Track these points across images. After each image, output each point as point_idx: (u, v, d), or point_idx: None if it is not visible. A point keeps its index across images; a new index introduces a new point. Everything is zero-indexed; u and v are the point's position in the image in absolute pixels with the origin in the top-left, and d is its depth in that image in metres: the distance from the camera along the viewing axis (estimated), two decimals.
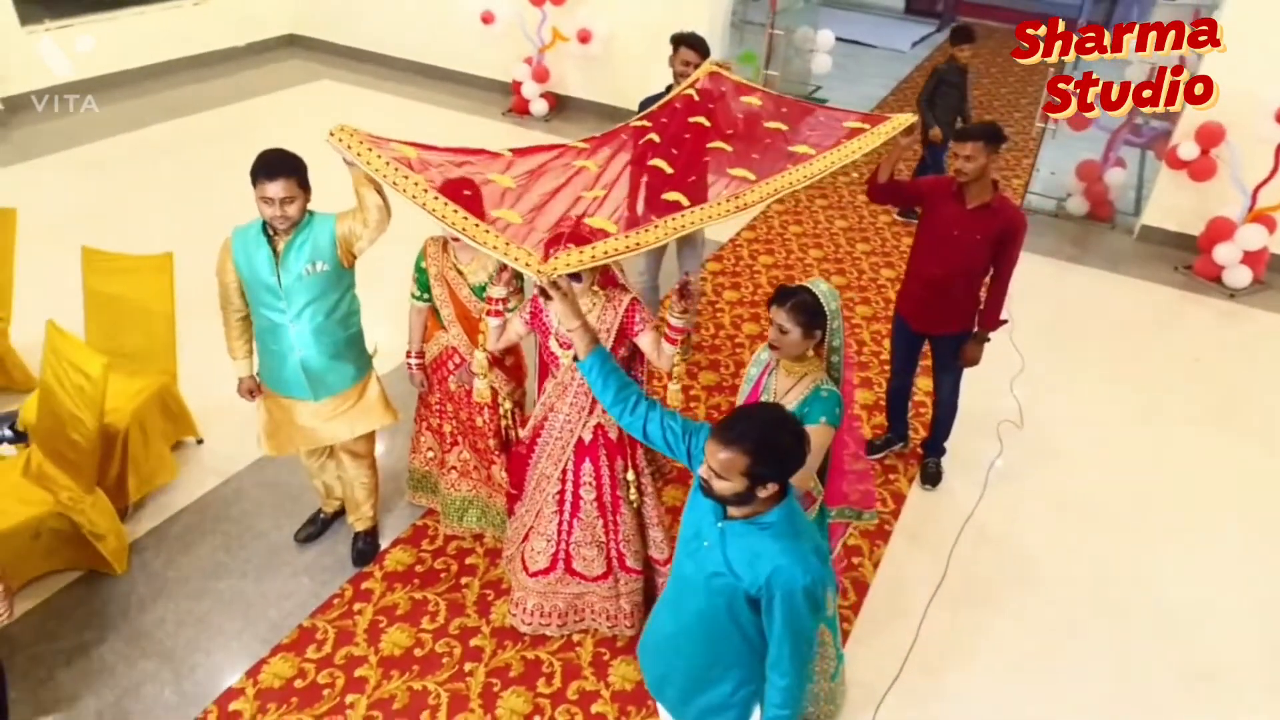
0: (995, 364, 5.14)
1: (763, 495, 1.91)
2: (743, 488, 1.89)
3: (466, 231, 2.26)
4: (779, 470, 1.90)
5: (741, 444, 1.85)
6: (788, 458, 1.90)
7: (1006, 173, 8.00)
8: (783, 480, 1.93)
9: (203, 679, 3.12)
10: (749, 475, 1.87)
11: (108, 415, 3.55)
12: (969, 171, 3.50)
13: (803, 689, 2.03)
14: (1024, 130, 8.96)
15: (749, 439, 1.85)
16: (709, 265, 6.08)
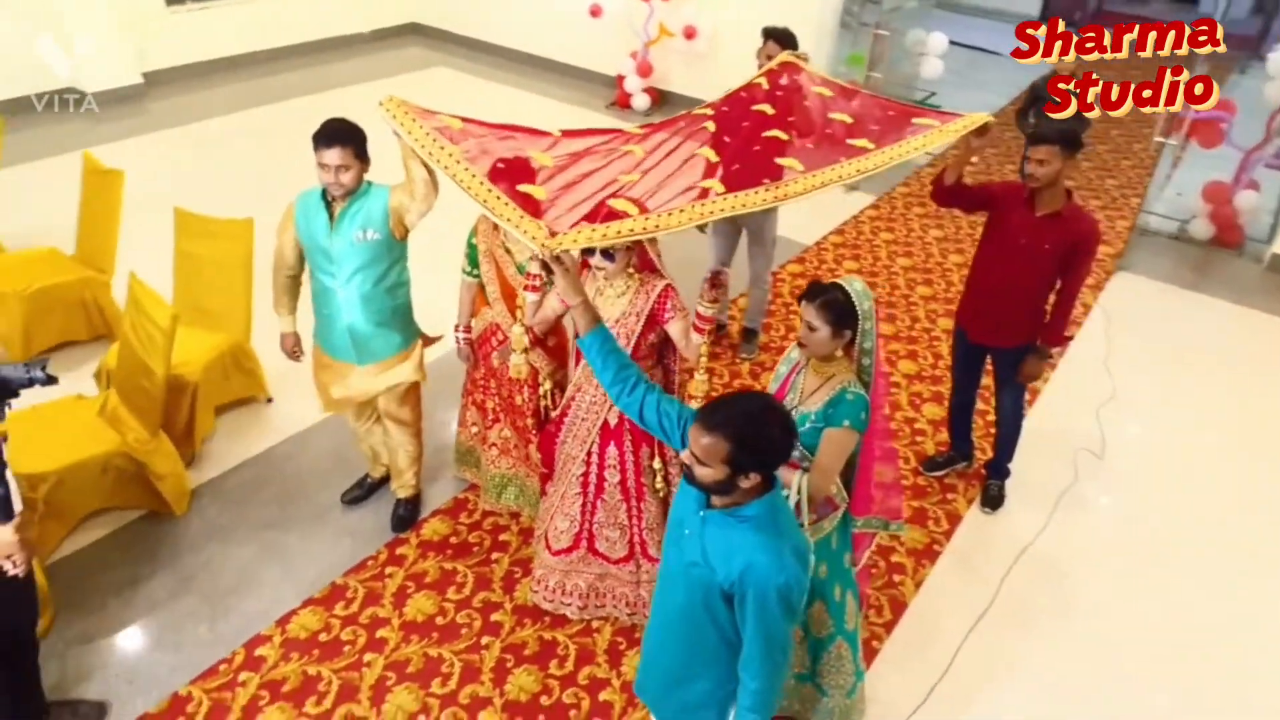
0: (1084, 388, 4.86)
1: (745, 485, 1.84)
2: (724, 476, 1.83)
3: (487, 203, 2.27)
4: (761, 460, 1.82)
5: (723, 430, 1.79)
6: (772, 448, 1.83)
7: (1127, 190, 7.52)
8: (766, 471, 1.85)
9: (236, 622, 3.26)
10: (730, 463, 1.80)
11: (180, 367, 3.78)
12: (1041, 176, 3.30)
13: (774, 693, 1.95)
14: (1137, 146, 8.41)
15: (731, 426, 1.79)
16: (789, 267, 5.96)
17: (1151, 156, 7.76)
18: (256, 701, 2.98)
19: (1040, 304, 3.57)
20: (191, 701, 2.96)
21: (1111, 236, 6.63)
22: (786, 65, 3.64)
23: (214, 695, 2.99)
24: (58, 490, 3.30)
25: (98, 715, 2.88)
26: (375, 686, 3.06)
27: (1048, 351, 3.65)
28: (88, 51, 7.66)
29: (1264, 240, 6.56)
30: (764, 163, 2.88)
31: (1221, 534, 3.98)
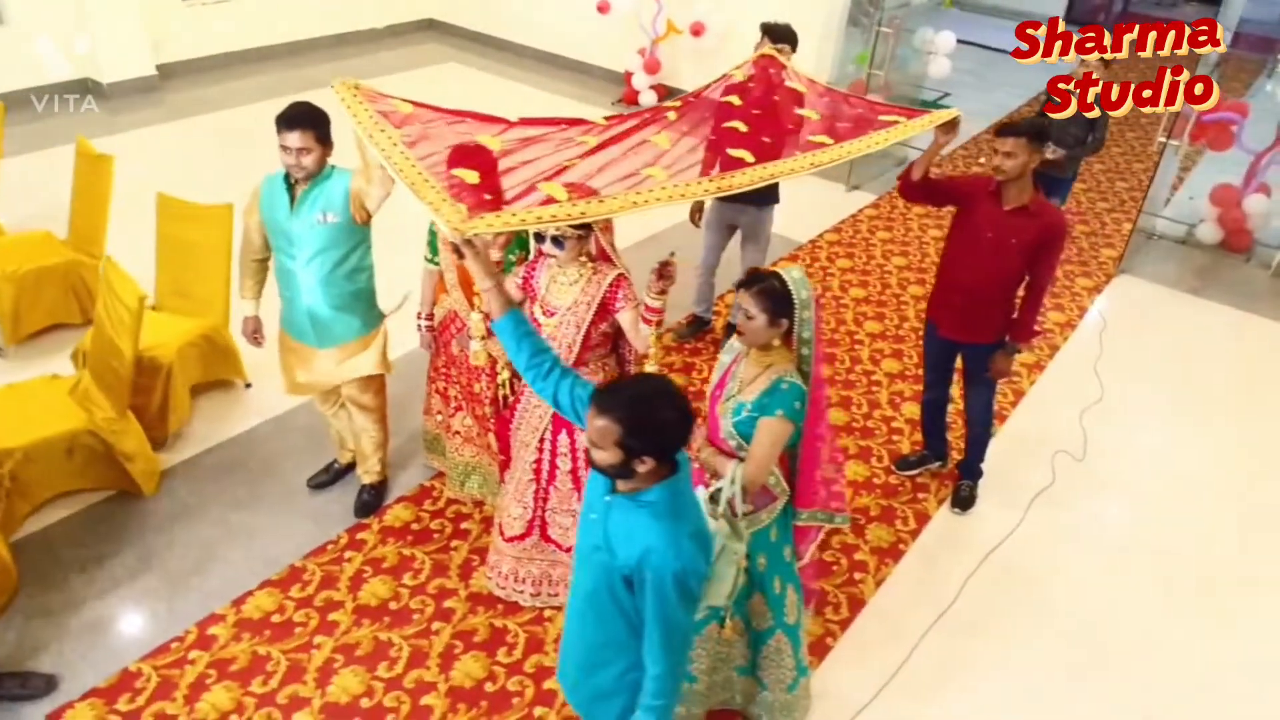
0: (1070, 391, 4.79)
1: (641, 470, 1.83)
2: (619, 459, 1.82)
3: (414, 185, 2.28)
4: (654, 444, 1.81)
5: (614, 413, 1.78)
6: (665, 432, 1.81)
7: (1137, 193, 7.37)
8: (660, 455, 1.83)
9: (193, 601, 3.30)
10: (623, 446, 1.79)
11: (154, 349, 3.83)
12: (1008, 170, 3.25)
13: (676, 680, 1.93)
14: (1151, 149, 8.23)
15: (621, 408, 1.78)
16: (780, 263, 5.90)
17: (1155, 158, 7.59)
18: (203, 679, 3.01)
19: (1009, 299, 3.52)
20: (140, 677, 3.00)
21: (1118, 240, 6.51)
22: (767, 59, 3.62)
23: (163, 672, 3.02)
24: (24, 467, 3.36)
25: (45, 688, 2.93)
26: (322, 668, 3.08)
27: (1017, 347, 3.60)
28: (104, 42, 7.80)
29: (1275, 246, 6.40)
30: (715, 153, 2.87)
31: (1198, 544, 3.89)
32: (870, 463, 4.20)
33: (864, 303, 5.49)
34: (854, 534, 3.78)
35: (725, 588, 2.54)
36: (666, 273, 2.70)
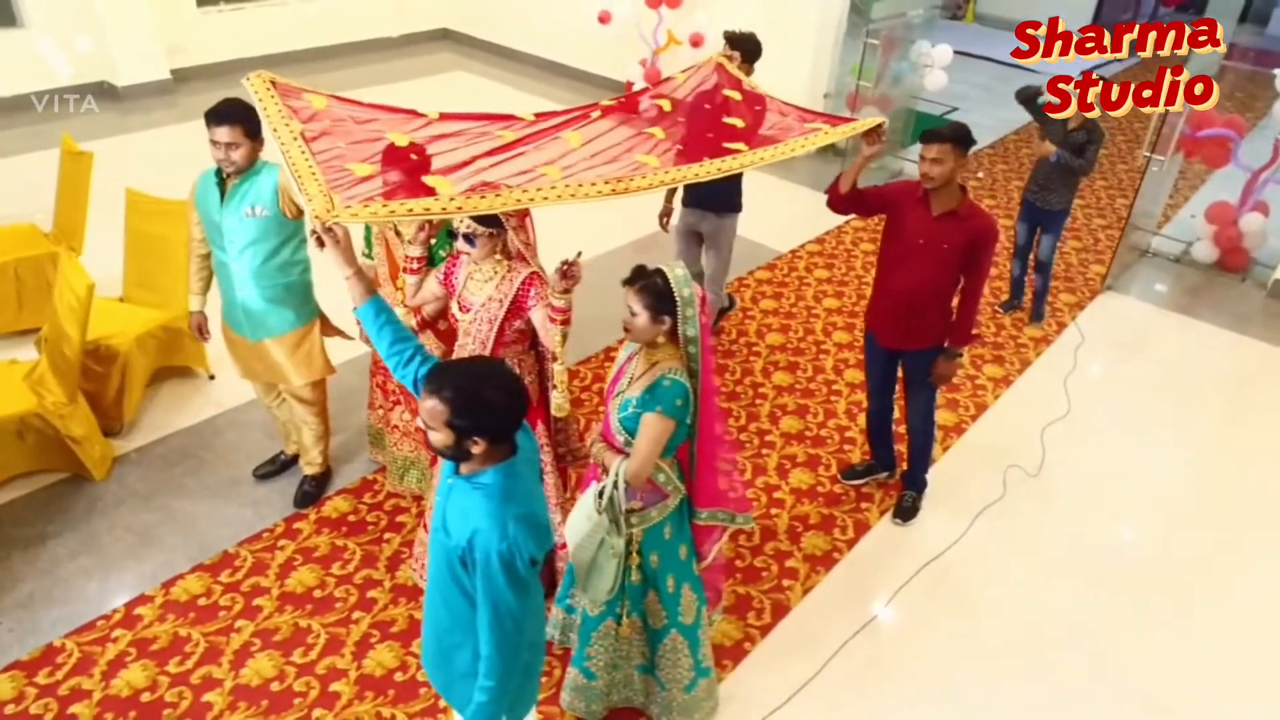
0: (1035, 405, 4.73)
1: (475, 451, 1.86)
2: (451, 440, 1.85)
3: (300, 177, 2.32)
4: (483, 425, 1.83)
5: (441, 394, 1.81)
6: (494, 413, 1.84)
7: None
8: (490, 437, 1.85)
9: (126, 581, 3.38)
10: (452, 427, 1.82)
11: (111, 338, 3.95)
12: (935, 176, 3.23)
13: (507, 662, 1.94)
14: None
15: (447, 389, 1.81)
16: (758, 273, 5.91)
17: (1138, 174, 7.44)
18: (123, 657, 3.08)
19: (945, 304, 3.50)
20: (63, 653, 3.09)
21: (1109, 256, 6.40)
22: (716, 65, 3.67)
23: (85, 648, 3.11)
24: None
25: None
26: (240, 651, 3.14)
27: (957, 351, 3.56)
28: (120, 47, 8.06)
29: (1271, 265, 6.25)
30: (620, 155, 2.89)
31: (1146, 566, 3.80)
32: (817, 471, 4.17)
33: (836, 313, 5.46)
34: (789, 540, 3.76)
35: (605, 582, 2.56)
36: (570, 272, 2.73)
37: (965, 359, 5.10)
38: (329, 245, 2.17)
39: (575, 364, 4.67)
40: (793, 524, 3.85)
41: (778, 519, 3.88)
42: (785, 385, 4.78)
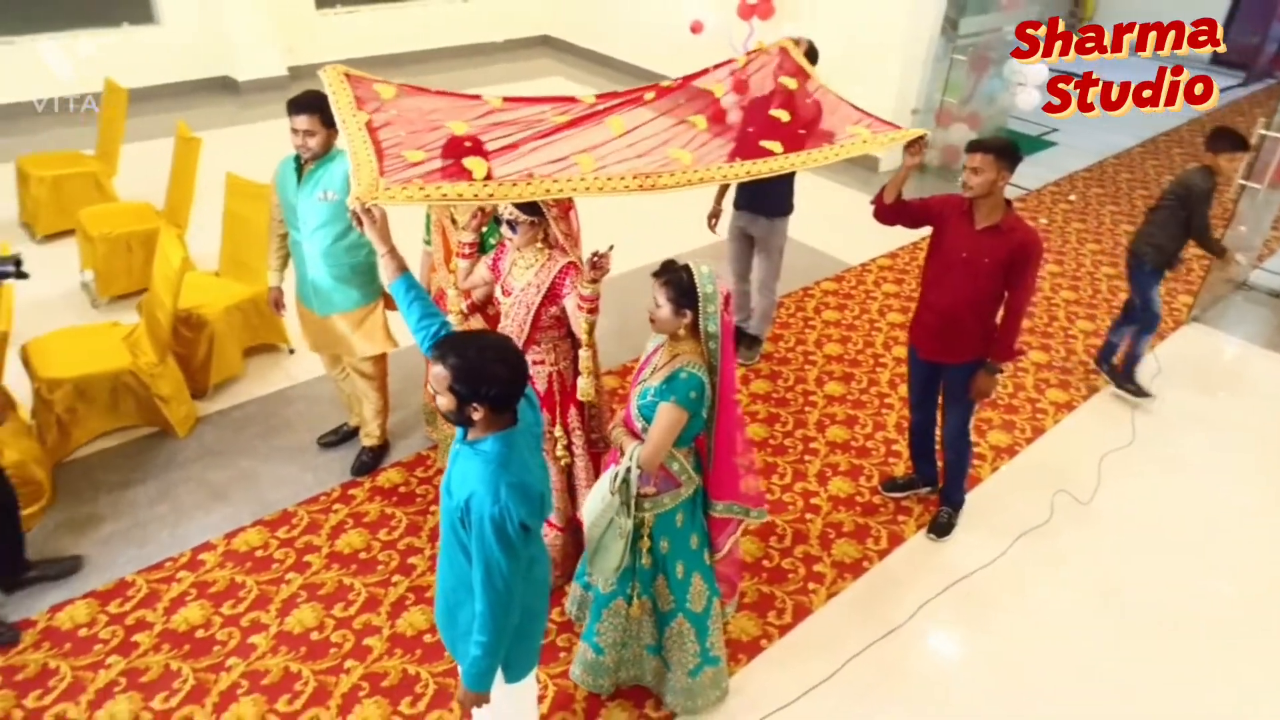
0: (1097, 432, 4.60)
1: (475, 417, 2.00)
2: (453, 405, 2.00)
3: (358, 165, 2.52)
4: (483, 392, 1.97)
5: (446, 361, 1.96)
6: (491, 382, 1.97)
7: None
8: (490, 404, 1.99)
9: (193, 530, 3.68)
10: (454, 393, 1.97)
11: (201, 308, 4.30)
12: (974, 186, 3.22)
13: (499, 620, 2.07)
14: None
15: (452, 356, 1.96)
16: (824, 284, 5.92)
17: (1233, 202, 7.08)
18: (184, 596, 3.37)
19: (987, 319, 3.47)
20: (133, 587, 3.39)
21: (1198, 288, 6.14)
22: (780, 49, 3.71)
23: (153, 585, 3.41)
24: (74, 398, 3.84)
25: (74, 567, 3.43)
26: (287, 601, 3.38)
27: (998, 367, 3.52)
28: (244, 45, 8.66)
29: None
30: (655, 149, 2.99)
31: (1186, 615, 3.63)
32: (858, 481, 4.18)
33: (899, 328, 5.42)
34: (820, 545, 3.79)
35: (611, 560, 2.67)
36: (599, 264, 2.86)
37: (1029, 382, 5.00)
38: (366, 225, 2.36)
39: (629, 361, 4.80)
40: (826, 530, 3.88)
41: (811, 524, 3.91)
42: (837, 395, 4.79)
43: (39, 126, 7.60)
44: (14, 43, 7.86)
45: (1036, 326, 5.58)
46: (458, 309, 3.30)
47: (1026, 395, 4.89)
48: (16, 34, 7.86)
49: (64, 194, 5.65)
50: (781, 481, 4.14)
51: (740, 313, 5.10)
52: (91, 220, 5.12)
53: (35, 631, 3.20)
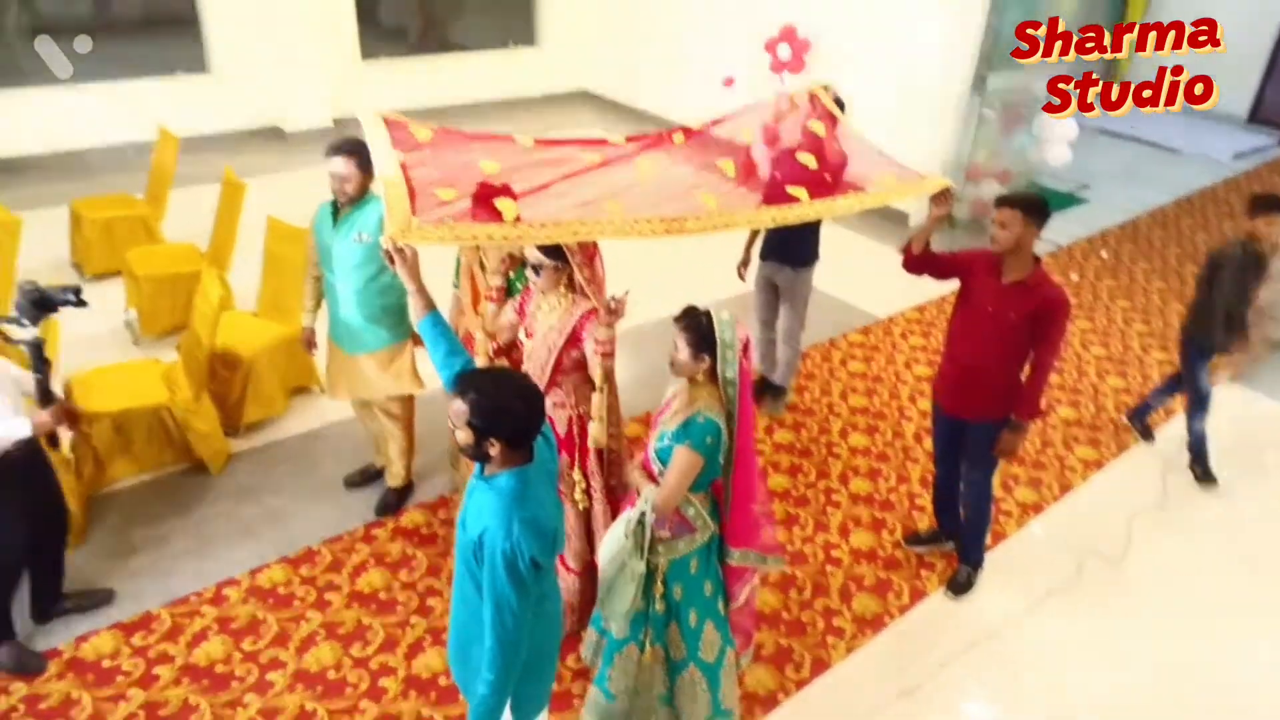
0: (1127, 493, 4.52)
1: (492, 452, 2.05)
2: (471, 440, 2.04)
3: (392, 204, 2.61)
4: (499, 428, 2.01)
5: (465, 395, 2.01)
6: (508, 418, 2.01)
7: None
8: (506, 440, 2.03)
9: (219, 565, 3.74)
10: (472, 427, 2.02)
11: (237, 346, 4.42)
12: (1002, 240, 3.24)
13: (507, 658, 2.08)
14: None
15: (471, 392, 2.01)
16: (851, 336, 5.93)
17: None
18: (206, 631, 3.42)
19: (1011, 376, 3.44)
20: (157, 620, 3.45)
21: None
22: (808, 94, 3.78)
23: (177, 618, 3.46)
24: (112, 432, 3.95)
25: (107, 598, 3.49)
26: (306, 638, 3.42)
27: (1023, 425, 3.49)
28: (292, 95, 8.99)
29: None
30: (683, 193, 3.05)
31: (1224, 680, 3.53)
32: (881, 534, 4.14)
33: (925, 380, 5.40)
34: (840, 599, 3.75)
35: (622, 603, 2.67)
36: (615, 308, 2.92)
37: (1057, 438, 4.94)
38: (398, 263, 2.44)
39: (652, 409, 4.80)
40: (847, 583, 3.84)
41: (832, 576, 3.87)
42: (861, 447, 4.77)
43: (94, 171, 7.90)
44: (75, 89, 8.24)
45: (1065, 383, 5.53)
46: (485, 352, 3.36)
47: (1055, 452, 4.83)
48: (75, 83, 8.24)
49: (114, 235, 5.86)
50: (803, 533, 4.11)
51: (765, 363, 5.12)
52: (138, 261, 5.30)
53: (61, 661, 3.26)
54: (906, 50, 7.39)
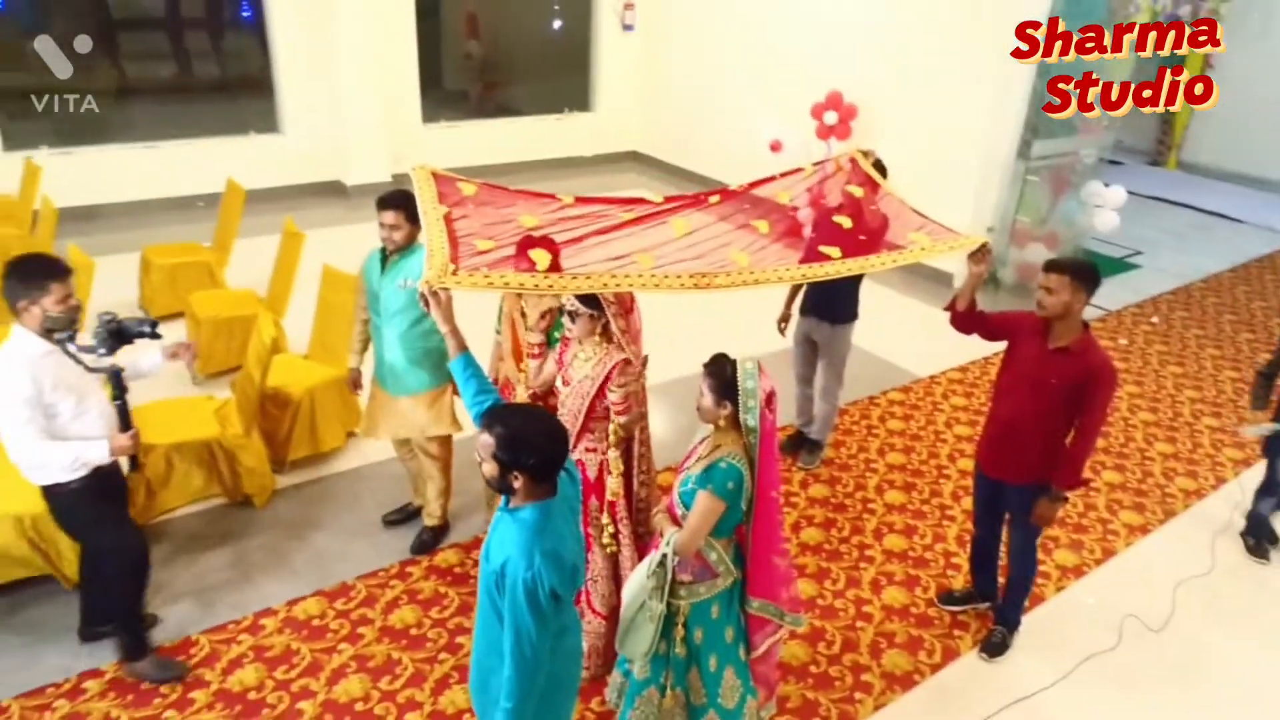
0: (1173, 560, 4.41)
1: (516, 485, 2.12)
2: (496, 472, 2.12)
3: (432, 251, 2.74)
4: (521, 460, 2.09)
5: (491, 429, 2.10)
6: (531, 452, 2.09)
7: None
8: (530, 473, 2.10)
9: (258, 595, 3.85)
10: (497, 460, 2.09)
11: (287, 386, 4.60)
12: (1048, 306, 3.22)
13: (523, 686, 2.12)
14: None
15: (497, 425, 2.10)
16: (891, 394, 5.92)
17: None
18: (241, 658, 3.51)
19: (1051, 441, 3.38)
20: (196, 645, 3.55)
21: None
22: (848, 158, 3.89)
23: (214, 645, 3.56)
24: (164, 463, 4.13)
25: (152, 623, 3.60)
26: (337, 670, 3.48)
27: (1061, 494, 3.44)
28: (355, 153, 9.42)
29: None
30: (714, 250, 3.15)
31: None
32: (914, 591, 4.09)
33: (966, 440, 5.35)
34: (869, 654, 3.70)
35: (641, 643, 2.70)
36: (626, 370, 3.05)
37: (1101, 502, 4.85)
38: (433, 306, 2.56)
39: None
40: (877, 639, 3.79)
41: (862, 632, 3.83)
42: (897, 504, 4.73)
43: (167, 220, 8.30)
44: (156, 147, 8.76)
45: (1111, 447, 5.43)
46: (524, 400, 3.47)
47: (1098, 515, 4.73)
48: (159, 139, 8.77)
49: (179, 280, 6.16)
50: (834, 587, 4.08)
51: (801, 417, 5.14)
52: (200, 304, 5.57)
53: (102, 681, 3.37)
54: (952, 115, 7.49)
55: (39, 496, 3.18)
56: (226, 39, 10.07)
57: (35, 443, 2.93)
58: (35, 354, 2.94)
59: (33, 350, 2.94)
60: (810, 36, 8.89)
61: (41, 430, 2.94)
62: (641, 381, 3.34)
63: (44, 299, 2.92)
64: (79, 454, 3.01)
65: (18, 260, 2.99)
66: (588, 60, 11.32)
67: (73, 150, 8.37)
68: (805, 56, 8.91)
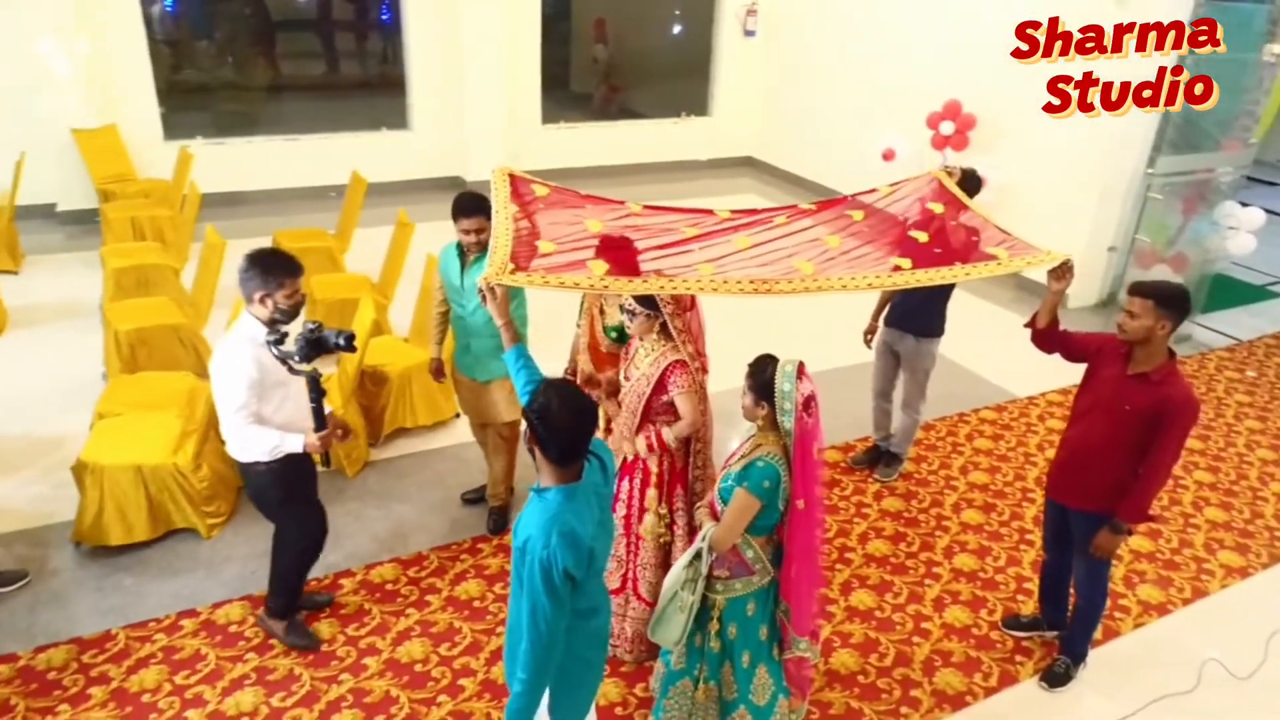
0: (1269, 606, 4.12)
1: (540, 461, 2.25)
2: (532, 443, 2.25)
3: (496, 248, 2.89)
4: (544, 436, 2.21)
5: (532, 404, 2.23)
6: (555, 429, 2.21)
7: None
8: (559, 453, 2.22)
9: (340, 557, 4.13)
10: (533, 429, 2.23)
11: (385, 365, 4.90)
12: (1129, 330, 3.10)
13: (538, 660, 2.22)
14: None
15: (538, 398, 2.22)
16: (984, 413, 5.75)
17: None
18: (318, 614, 3.79)
19: (1121, 470, 3.24)
20: None
21: None
22: (930, 178, 3.84)
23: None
24: None
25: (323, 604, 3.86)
26: (403, 632, 3.71)
27: (1124, 527, 3.29)
28: (476, 151, 9.84)
29: None
30: (779, 260, 3.16)
31: None
32: (978, 613, 3.99)
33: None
34: (922, 671, 3.65)
35: (671, 632, 2.78)
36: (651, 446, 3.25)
37: (1198, 540, 4.58)
38: (489, 300, 2.71)
39: None
40: (932, 656, 3.73)
41: (917, 647, 3.77)
42: (973, 524, 4.62)
43: (301, 209, 8.91)
44: (297, 140, 9.42)
45: (1220, 483, 5.11)
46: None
47: (1193, 553, 4.48)
48: (301, 133, 9.43)
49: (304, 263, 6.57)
50: (895, 600, 4.03)
51: (878, 431, 5.07)
52: (319, 286, 5.98)
53: (196, 621, 3.71)
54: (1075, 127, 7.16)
55: (160, 453, 3.47)
56: (369, 40, 10.74)
57: (246, 424, 3.21)
58: (261, 342, 3.20)
59: (260, 338, 3.20)
60: (931, 44, 8.70)
61: (253, 414, 3.22)
62: (701, 381, 3.40)
63: (279, 293, 3.20)
64: (279, 443, 3.27)
65: (260, 254, 3.27)
66: (708, 65, 11.42)
67: (224, 141, 9.11)
68: (924, 65, 8.73)
